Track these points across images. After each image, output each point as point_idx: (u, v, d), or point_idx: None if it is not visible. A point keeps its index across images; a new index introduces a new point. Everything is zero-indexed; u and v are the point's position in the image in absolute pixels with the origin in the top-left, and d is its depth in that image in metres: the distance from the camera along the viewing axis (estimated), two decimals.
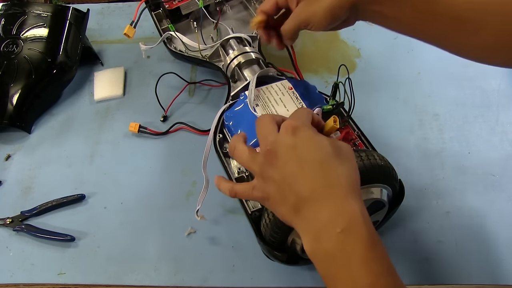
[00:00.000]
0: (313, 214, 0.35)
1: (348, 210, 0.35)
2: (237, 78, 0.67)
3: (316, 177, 0.36)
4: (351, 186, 0.36)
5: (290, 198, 0.36)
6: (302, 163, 0.36)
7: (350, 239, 0.34)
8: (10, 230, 0.63)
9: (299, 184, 0.36)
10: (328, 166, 0.36)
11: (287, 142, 0.37)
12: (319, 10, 0.47)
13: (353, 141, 0.52)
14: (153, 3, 0.76)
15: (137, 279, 0.58)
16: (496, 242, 0.58)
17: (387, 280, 0.32)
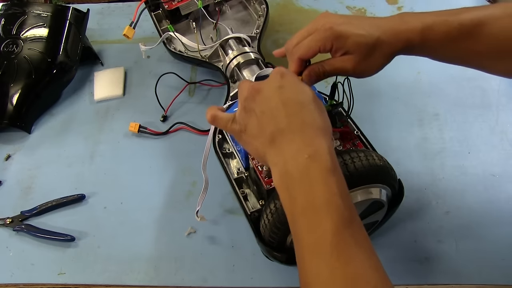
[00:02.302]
0: (285, 144, 0.38)
1: (316, 143, 0.38)
2: (237, 78, 0.67)
3: (296, 113, 0.39)
4: (323, 129, 0.39)
5: (267, 129, 0.39)
6: (285, 100, 0.40)
7: (315, 164, 0.37)
8: (10, 230, 0.63)
9: (279, 117, 0.39)
10: (307, 108, 0.40)
11: (274, 82, 0.41)
12: (372, 69, 0.48)
13: (352, 141, 0.52)
14: (153, 3, 0.76)
15: (137, 279, 0.59)
16: (496, 242, 0.58)
17: (343, 200, 0.35)
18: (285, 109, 0.39)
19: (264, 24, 0.74)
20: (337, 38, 0.45)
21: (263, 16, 0.75)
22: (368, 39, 0.45)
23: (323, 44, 0.46)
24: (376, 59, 0.47)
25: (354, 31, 0.44)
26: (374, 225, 0.53)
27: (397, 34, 0.46)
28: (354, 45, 0.45)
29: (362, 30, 0.45)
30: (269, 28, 0.79)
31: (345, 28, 0.45)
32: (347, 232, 0.35)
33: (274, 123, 0.39)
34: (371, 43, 0.45)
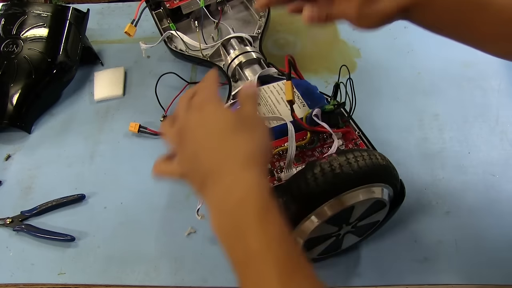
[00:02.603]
0: (214, 186, 0.36)
1: (243, 179, 0.35)
2: (238, 77, 0.67)
3: (215, 150, 0.37)
4: (248, 157, 0.37)
5: (198, 172, 0.38)
6: (205, 137, 0.38)
7: (244, 210, 0.34)
8: (10, 230, 0.63)
9: (202, 158, 0.37)
10: (226, 138, 0.38)
11: (193, 119, 0.40)
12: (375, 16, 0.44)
13: (354, 141, 0.52)
14: (154, 2, 0.76)
15: (137, 279, 0.58)
16: (496, 242, 0.58)
17: (281, 246, 0.32)
18: (206, 148, 0.38)
19: (266, 24, 0.74)
20: None
21: (265, 16, 0.75)
22: None
23: None
24: (381, 6, 0.42)
25: None
26: (375, 225, 0.53)
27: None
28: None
29: None
30: (270, 28, 0.79)
31: None
32: (292, 284, 0.32)
33: (200, 165, 0.37)
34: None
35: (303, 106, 0.55)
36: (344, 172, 0.43)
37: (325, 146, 0.51)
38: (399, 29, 0.84)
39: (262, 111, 0.56)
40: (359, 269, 0.57)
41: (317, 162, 0.44)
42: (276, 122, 0.53)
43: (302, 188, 0.43)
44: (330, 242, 0.50)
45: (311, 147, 0.51)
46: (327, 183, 0.42)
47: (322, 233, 0.47)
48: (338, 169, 0.43)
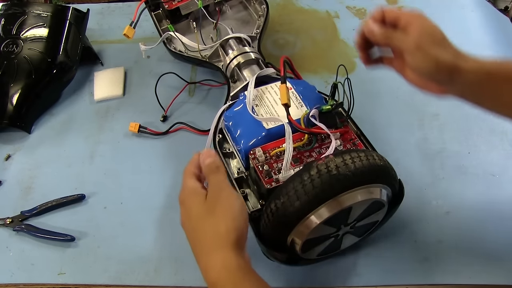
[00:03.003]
0: (198, 264, 0.42)
1: (213, 265, 0.40)
2: (237, 78, 0.67)
3: (192, 234, 0.43)
4: (216, 240, 0.41)
5: None
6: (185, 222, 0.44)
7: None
8: (10, 230, 0.63)
9: (187, 236, 0.44)
10: (196, 226, 0.42)
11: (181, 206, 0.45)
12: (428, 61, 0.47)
13: (352, 141, 0.52)
14: (153, 3, 0.76)
15: (137, 279, 0.58)
16: (496, 242, 0.58)
17: None
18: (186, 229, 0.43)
19: (265, 24, 0.74)
20: (420, 17, 0.47)
21: (263, 16, 0.75)
22: (444, 36, 0.47)
23: (407, 14, 0.47)
24: (439, 53, 0.46)
25: (437, 26, 0.47)
26: (374, 225, 0.53)
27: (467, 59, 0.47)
28: (429, 27, 0.47)
29: (443, 32, 0.47)
30: (269, 28, 0.79)
31: (431, 21, 0.48)
32: None
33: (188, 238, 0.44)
34: (445, 39, 0.47)
35: (301, 106, 0.55)
36: (340, 173, 0.43)
37: (323, 146, 0.51)
38: None
39: (260, 112, 0.56)
40: (359, 269, 0.57)
41: (314, 164, 0.44)
42: (274, 123, 0.53)
43: (299, 189, 0.43)
44: (329, 242, 0.50)
45: (309, 148, 0.51)
46: (324, 184, 0.42)
47: (320, 234, 0.47)
48: (335, 171, 0.43)
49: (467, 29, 0.83)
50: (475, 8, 0.86)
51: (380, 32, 0.48)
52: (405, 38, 0.47)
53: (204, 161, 0.45)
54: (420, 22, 0.47)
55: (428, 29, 0.47)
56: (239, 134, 0.55)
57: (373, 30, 0.48)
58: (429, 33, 0.47)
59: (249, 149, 0.52)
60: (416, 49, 0.46)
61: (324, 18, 0.88)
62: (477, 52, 0.80)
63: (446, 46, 0.47)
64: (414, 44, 0.46)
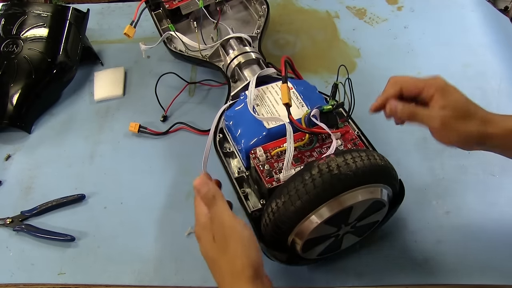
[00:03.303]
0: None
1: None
2: (237, 78, 0.67)
3: (211, 270, 0.44)
4: (234, 278, 0.41)
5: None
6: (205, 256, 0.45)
7: None
8: (10, 230, 0.63)
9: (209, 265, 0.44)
10: (214, 262, 0.43)
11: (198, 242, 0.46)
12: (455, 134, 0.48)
13: (353, 141, 0.52)
14: (153, 3, 0.76)
15: (137, 279, 0.58)
16: (496, 242, 0.58)
17: None
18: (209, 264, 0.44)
19: (265, 24, 0.74)
20: (442, 89, 0.47)
21: (264, 16, 0.75)
22: (466, 105, 0.47)
23: (427, 86, 0.47)
24: (465, 127, 0.47)
25: (458, 94, 0.47)
26: (375, 225, 0.53)
27: (494, 120, 0.47)
28: (452, 102, 0.46)
29: (465, 97, 0.47)
30: (270, 28, 0.79)
31: (452, 89, 0.47)
32: None
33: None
34: (467, 110, 0.47)
35: (302, 106, 0.55)
36: (342, 172, 0.43)
37: (324, 146, 0.51)
38: (399, 29, 0.84)
39: (261, 111, 0.56)
40: (359, 269, 0.57)
41: (315, 163, 0.44)
42: (274, 122, 0.53)
43: (300, 189, 0.43)
44: (330, 242, 0.50)
45: (309, 147, 0.51)
46: (325, 184, 0.42)
47: (321, 233, 0.47)
48: (336, 170, 0.43)
49: (467, 29, 0.83)
50: (475, 8, 0.86)
51: (402, 110, 0.48)
52: (428, 115, 0.47)
53: (199, 191, 0.45)
54: (442, 94, 0.47)
55: (451, 101, 0.47)
56: (240, 133, 0.55)
57: (395, 109, 0.48)
58: (453, 106, 0.47)
59: (250, 148, 0.52)
60: (442, 127, 0.47)
61: (324, 18, 0.88)
62: (477, 52, 0.80)
63: (471, 117, 0.47)
64: (439, 122, 0.47)
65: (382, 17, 0.87)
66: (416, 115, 0.49)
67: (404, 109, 0.48)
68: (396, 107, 0.49)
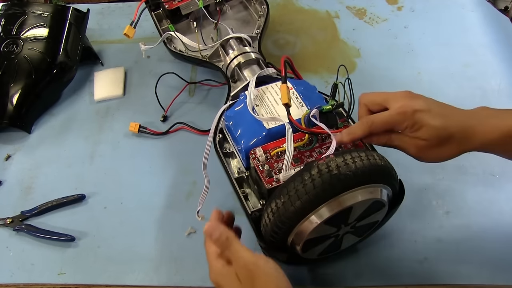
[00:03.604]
0: None
1: None
2: (237, 78, 0.67)
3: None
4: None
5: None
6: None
7: None
8: (10, 230, 0.63)
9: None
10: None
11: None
12: (435, 158, 0.49)
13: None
14: (153, 3, 0.76)
15: (137, 279, 0.58)
16: (496, 242, 0.58)
17: None
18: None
19: (265, 24, 0.74)
20: (413, 124, 0.47)
21: (264, 16, 0.75)
22: (441, 133, 0.46)
23: (398, 123, 0.47)
24: (443, 152, 0.48)
25: (430, 122, 0.46)
26: (375, 225, 0.53)
27: (474, 135, 0.46)
28: (425, 134, 0.46)
29: (439, 121, 0.46)
30: (270, 28, 0.79)
31: (423, 117, 0.46)
32: None
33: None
34: (443, 137, 0.46)
35: (302, 106, 0.55)
36: (341, 173, 0.43)
37: (324, 146, 0.51)
38: (399, 29, 0.84)
39: (260, 111, 0.56)
40: (359, 269, 0.57)
41: (315, 163, 0.44)
42: (274, 123, 0.53)
43: (299, 189, 0.43)
44: (330, 242, 0.50)
45: (309, 147, 0.51)
46: (325, 184, 0.42)
47: (321, 233, 0.47)
48: (336, 170, 0.43)
49: (467, 29, 0.83)
50: (475, 8, 0.86)
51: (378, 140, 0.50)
52: (403, 145, 0.49)
53: (211, 237, 0.44)
54: (415, 128, 0.47)
55: (423, 133, 0.47)
56: (240, 133, 0.55)
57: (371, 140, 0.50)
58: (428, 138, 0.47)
59: (250, 148, 0.52)
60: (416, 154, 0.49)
61: (324, 18, 0.88)
62: (477, 52, 0.80)
63: (448, 140, 0.47)
64: (414, 151, 0.48)
65: (382, 17, 0.87)
66: (392, 142, 0.50)
67: (380, 139, 0.50)
68: (371, 139, 0.50)
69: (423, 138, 0.47)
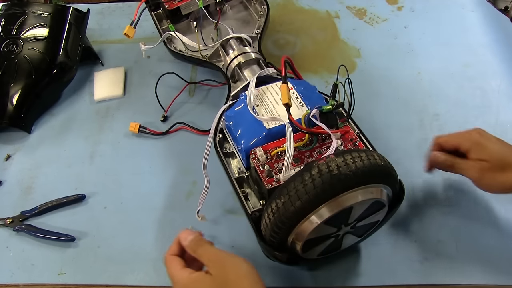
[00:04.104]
0: None
1: None
2: (237, 78, 0.67)
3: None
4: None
5: None
6: None
7: None
8: (10, 230, 0.63)
9: None
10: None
11: None
12: (495, 184, 0.52)
13: (353, 141, 0.52)
14: (153, 3, 0.76)
15: (137, 279, 0.58)
16: (496, 242, 0.58)
17: None
18: None
19: (265, 24, 0.74)
20: (477, 144, 0.52)
21: (264, 16, 0.75)
22: (502, 157, 0.51)
23: (463, 141, 0.53)
24: (505, 178, 0.51)
25: (493, 146, 0.51)
26: (375, 225, 0.53)
27: None
28: (487, 155, 0.51)
29: (501, 148, 0.51)
30: (270, 28, 0.79)
31: (486, 140, 0.52)
32: None
33: None
34: (504, 162, 0.50)
35: (302, 106, 0.55)
36: (341, 173, 0.43)
37: (324, 146, 0.51)
38: (399, 29, 0.84)
39: (260, 111, 0.56)
40: (359, 269, 0.57)
41: (315, 163, 0.44)
42: (274, 123, 0.53)
43: (300, 189, 0.43)
44: (330, 242, 0.50)
45: (309, 148, 0.51)
46: (325, 184, 0.42)
47: (321, 233, 0.47)
48: (336, 170, 0.43)
49: (467, 29, 0.83)
50: (475, 8, 0.86)
51: (444, 161, 0.54)
52: (466, 167, 0.53)
53: (185, 239, 0.47)
54: (477, 148, 0.51)
55: (486, 155, 0.51)
56: (240, 133, 0.55)
57: (437, 160, 0.55)
58: (488, 159, 0.51)
59: (250, 148, 0.52)
60: (480, 177, 0.52)
61: (324, 18, 0.88)
62: (477, 52, 0.80)
63: (509, 167, 0.50)
64: (477, 174, 0.52)
65: (382, 17, 0.87)
66: (455, 166, 0.54)
67: (446, 160, 0.55)
68: (438, 157, 0.55)
69: (485, 158, 0.51)
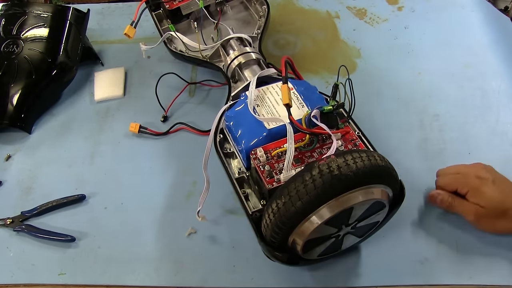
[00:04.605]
0: None
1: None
2: (238, 78, 0.67)
3: None
4: None
5: None
6: None
7: None
8: (10, 230, 0.63)
9: None
10: None
11: None
12: (490, 229, 0.56)
13: (353, 142, 0.52)
14: (154, 3, 0.76)
15: (137, 280, 0.58)
16: (496, 242, 0.58)
17: None
18: None
19: (265, 25, 0.74)
20: (475, 190, 0.54)
21: (264, 17, 0.75)
22: (498, 205, 0.53)
23: (461, 186, 0.55)
24: (499, 225, 0.54)
25: (489, 192, 0.53)
26: (375, 225, 0.53)
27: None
28: (483, 201, 0.53)
29: (498, 194, 0.53)
30: (270, 28, 0.79)
31: (484, 185, 0.54)
32: None
33: None
34: (500, 210, 0.53)
35: (302, 107, 0.55)
36: (342, 173, 0.43)
37: (325, 147, 0.51)
38: (399, 29, 0.84)
39: (261, 112, 0.56)
40: (359, 269, 0.57)
41: (315, 164, 0.44)
42: (275, 123, 0.53)
43: (300, 189, 0.43)
44: (330, 243, 0.50)
45: (310, 148, 0.51)
46: (325, 185, 0.42)
47: (321, 234, 0.47)
48: (336, 171, 0.43)
49: (467, 29, 0.83)
50: (475, 8, 0.86)
51: (442, 201, 0.57)
52: (463, 210, 0.55)
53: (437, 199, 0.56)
54: (474, 193, 0.54)
55: (483, 200, 0.53)
56: (240, 134, 0.55)
57: (436, 199, 0.58)
58: (485, 205, 0.53)
59: (250, 149, 0.52)
60: (476, 220, 0.55)
61: (324, 18, 0.88)
62: (477, 52, 0.80)
63: (504, 215, 0.53)
64: (473, 217, 0.55)
65: (383, 17, 0.87)
66: (453, 208, 0.57)
67: (443, 200, 0.57)
68: (436, 198, 0.58)
69: (481, 205, 0.53)
